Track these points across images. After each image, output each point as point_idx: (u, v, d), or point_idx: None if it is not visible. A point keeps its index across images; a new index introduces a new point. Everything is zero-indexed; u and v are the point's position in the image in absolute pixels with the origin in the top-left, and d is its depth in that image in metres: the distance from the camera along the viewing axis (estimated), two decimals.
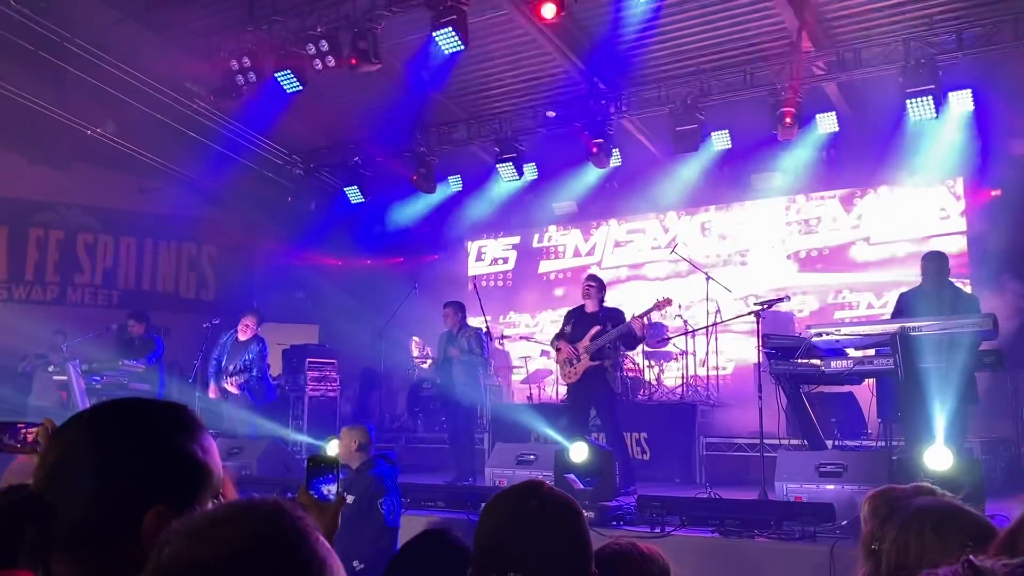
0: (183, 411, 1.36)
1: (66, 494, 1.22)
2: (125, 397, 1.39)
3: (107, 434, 1.27)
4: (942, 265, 6.72)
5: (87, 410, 1.34)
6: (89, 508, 1.20)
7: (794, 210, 12.22)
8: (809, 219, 12.11)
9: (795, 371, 6.47)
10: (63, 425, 1.31)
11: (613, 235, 13.68)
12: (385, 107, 12.21)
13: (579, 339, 7.70)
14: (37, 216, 13.25)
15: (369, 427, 5.94)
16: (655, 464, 9.19)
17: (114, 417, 1.30)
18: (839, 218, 11.88)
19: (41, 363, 10.37)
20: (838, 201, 11.89)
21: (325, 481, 2.26)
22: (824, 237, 11.94)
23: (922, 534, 1.81)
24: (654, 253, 13.16)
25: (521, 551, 1.87)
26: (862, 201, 11.73)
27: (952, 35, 9.20)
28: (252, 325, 9.46)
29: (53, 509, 1.20)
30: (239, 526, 0.93)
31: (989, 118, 10.01)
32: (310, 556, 0.93)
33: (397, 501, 5.49)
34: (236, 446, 8.31)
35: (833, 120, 10.51)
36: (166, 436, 1.29)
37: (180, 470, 1.28)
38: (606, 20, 10.26)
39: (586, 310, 7.87)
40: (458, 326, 8.85)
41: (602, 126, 11.04)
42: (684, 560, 5.10)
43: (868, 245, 11.60)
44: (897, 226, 11.35)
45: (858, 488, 5.57)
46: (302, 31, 9.76)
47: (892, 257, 11.32)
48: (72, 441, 1.27)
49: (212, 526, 0.95)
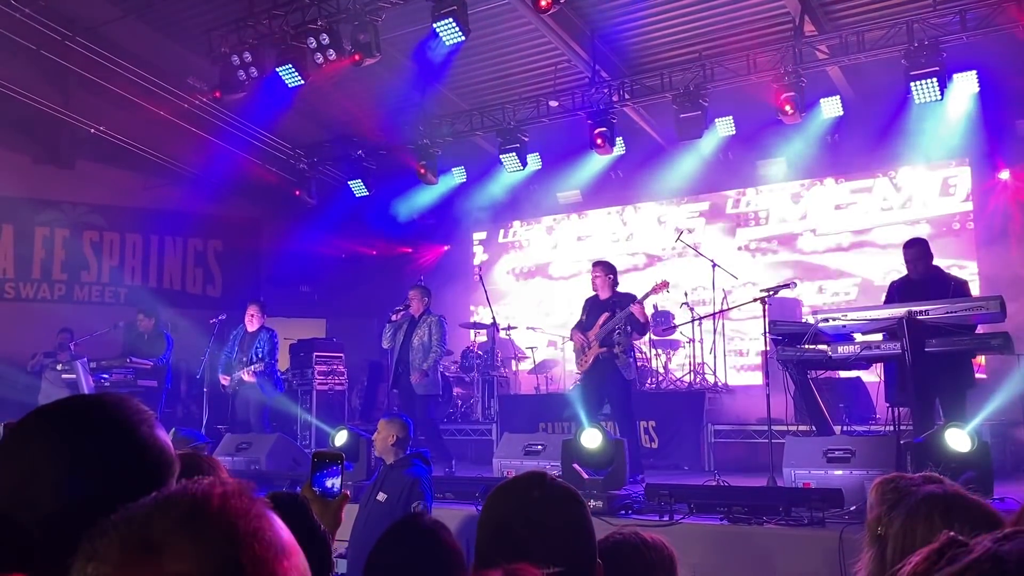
0: (132, 401, 1.31)
1: (33, 504, 1.16)
2: (70, 396, 1.34)
3: (73, 435, 1.22)
4: (922, 251, 6.68)
5: (39, 413, 1.27)
6: (64, 513, 1.15)
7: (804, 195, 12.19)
8: (811, 205, 12.08)
9: (802, 357, 6.44)
10: (12, 433, 1.24)
11: (616, 222, 13.67)
12: (387, 99, 12.19)
13: (591, 327, 7.73)
14: (42, 215, 13.29)
15: (407, 422, 5.77)
16: (664, 452, 9.19)
17: (74, 418, 1.25)
18: (844, 203, 11.83)
19: (49, 362, 10.41)
20: (843, 185, 11.83)
21: (329, 475, 2.27)
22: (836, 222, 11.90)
23: (930, 520, 1.82)
24: (658, 240, 13.14)
25: (524, 542, 1.86)
26: (868, 184, 11.68)
27: (955, 16, 9.13)
28: (256, 314, 9.47)
29: (17, 523, 1.15)
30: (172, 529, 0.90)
31: (995, 99, 9.96)
32: None
33: (431, 505, 5.38)
34: (244, 441, 8.32)
35: (838, 104, 10.47)
36: (131, 429, 1.26)
37: (152, 461, 1.25)
38: (607, 8, 10.24)
39: (599, 297, 7.90)
40: (421, 311, 8.76)
41: (605, 114, 11.01)
42: (693, 548, 5.11)
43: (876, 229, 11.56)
44: (904, 209, 11.30)
45: (866, 473, 5.55)
46: (302, 25, 9.75)
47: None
48: (33, 448, 1.21)
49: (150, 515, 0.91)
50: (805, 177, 11.96)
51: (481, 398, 11.08)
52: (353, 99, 12.49)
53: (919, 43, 9.16)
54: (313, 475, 2.28)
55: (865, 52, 9.61)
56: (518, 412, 10.33)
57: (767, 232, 12.41)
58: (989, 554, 0.85)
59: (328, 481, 2.27)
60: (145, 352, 9.96)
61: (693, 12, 10.14)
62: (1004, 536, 0.86)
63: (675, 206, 13.12)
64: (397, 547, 2.72)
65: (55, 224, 13.40)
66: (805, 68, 9.89)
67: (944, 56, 9.13)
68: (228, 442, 8.37)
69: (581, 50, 10.86)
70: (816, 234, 12.00)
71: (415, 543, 2.71)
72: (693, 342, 10.68)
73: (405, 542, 2.73)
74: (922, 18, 9.25)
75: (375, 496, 5.38)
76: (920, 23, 9.23)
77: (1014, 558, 0.83)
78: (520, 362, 12.43)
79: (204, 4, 10.58)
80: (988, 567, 0.84)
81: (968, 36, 9.08)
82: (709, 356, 10.67)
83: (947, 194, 11.09)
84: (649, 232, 13.35)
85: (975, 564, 0.86)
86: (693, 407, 9.41)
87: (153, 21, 10.93)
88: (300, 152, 13.58)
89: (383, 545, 2.73)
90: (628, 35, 10.72)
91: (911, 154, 10.86)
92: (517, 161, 11.69)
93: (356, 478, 6.67)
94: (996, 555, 0.84)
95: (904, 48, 9.27)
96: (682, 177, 12.24)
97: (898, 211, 11.43)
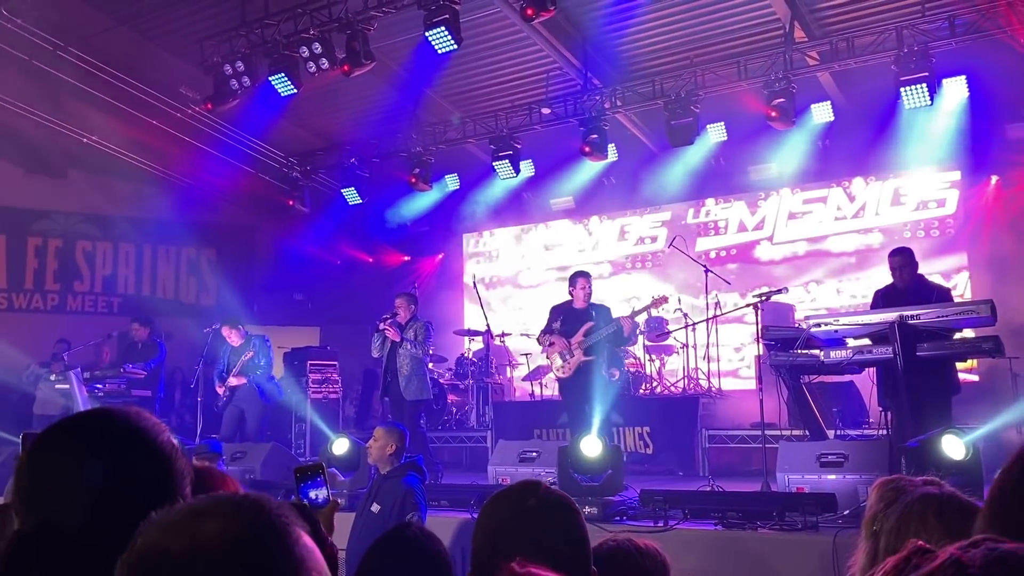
0: (146, 412, 1.34)
1: (73, 512, 1.18)
2: (95, 408, 1.36)
3: (100, 446, 1.25)
4: (907, 259, 6.74)
5: (63, 423, 1.29)
6: (94, 524, 1.17)
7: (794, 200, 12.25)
8: (807, 210, 12.13)
9: (795, 362, 6.48)
10: (37, 444, 1.26)
11: (610, 230, 13.72)
12: (380, 107, 12.22)
13: (570, 335, 7.75)
14: (35, 225, 13.27)
15: (404, 431, 5.74)
16: (658, 457, 9.22)
17: (104, 428, 1.28)
18: (843, 207, 11.88)
19: (44, 372, 10.40)
20: (840, 191, 11.89)
21: (313, 486, 2.30)
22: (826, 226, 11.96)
23: (924, 519, 1.85)
24: (650, 245, 13.21)
25: (519, 550, 1.87)
26: (861, 189, 11.73)
27: (944, 21, 9.20)
28: (231, 332, 9.51)
29: (60, 537, 1.17)
30: (213, 520, 0.92)
31: (985, 103, 10.02)
32: (285, 555, 0.92)
33: (425, 515, 5.36)
34: (239, 451, 8.32)
35: (828, 109, 10.53)
36: (153, 438, 1.29)
37: (175, 469, 1.28)
38: (599, 15, 10.27)
39: (575, 305, 7.90)
40: (409, 317, 8.77)
41: (597, 121, 11.05)
42: (688, 554, 5.13)
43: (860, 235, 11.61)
44: (897, 213, 11.35)
45: (859, 477, 5.59)
46: (295, 34, 9.76)
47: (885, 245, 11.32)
48: (62, 459, 1.23)
49: (187, 519, 0.93)
50: (796, 183, 12.00)
51: (476, 405, 11.07)
52: (346, 107, 12.52)
53: (909, 48, 9.22)
54: (298, 488, 2.32)
55: (855, 58, 9.67)
56: (513, 419, 10.35)
57: (726, 242, 12.56)
58: (952, 560, 0.87)
59: (312, 492, 2.30)
60: (138, 361, 9.96)
61: (684, 19, 10.18)
62: (971, 543, 0.88)
63: (638, 216, 13.33)
64: (384, 558, 2.74)
65: (48, 234, 13.38)
66: (795, 74, 9.95)
67: (934, 61, 9.19)
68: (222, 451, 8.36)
69: (573, 57, 10.89)
70: (773, 243, 12.23)
71: (402, 553, 2.73)
72: (687, 347, 10.71)
73: (392, 553, 2.75)
74: (911, 24, 9.31)
75: (369, 507, 5.37)
76: (909, 28, 9.29)
77: (977, 563, 0.85)
78: (514, 369, 12.44)
79: (196, 13, 10.58)
80: (951, 573, 0.86)
81: (957, 41, 9.15)
82: (703, 362, 10.70)
83: (937, 198, 11.13)
84: (611, 242, 13.57)
85: (938, 570, 0.88)
86: (687, 412, 9.44)
87: (145, 31, 10.93)
88: (293, 160, 13.59)
89: (372, 556, 2.75)
90: (620, 42, 10.76)
91: (902, 159, 10.91)
92: (510, 168, 11.71)
93: (356, 487, 6.67)
94: (958, 561, 0.87)
95: (894, 54, 9.33)
96: (674, 183, 12.28)
97: (851, 220, 11.68)
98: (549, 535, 1.93)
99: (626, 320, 7.57)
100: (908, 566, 0.93)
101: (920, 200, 11.21)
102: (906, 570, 0.93)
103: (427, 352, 8.86)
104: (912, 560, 0.94)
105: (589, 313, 7.76)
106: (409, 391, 8.42)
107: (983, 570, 0.84)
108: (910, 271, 6.72)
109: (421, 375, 8.54)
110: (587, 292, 7.86)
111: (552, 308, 8.19)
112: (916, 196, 11.23)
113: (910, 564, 0.93)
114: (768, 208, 12.31)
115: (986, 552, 0.86)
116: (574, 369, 7.70)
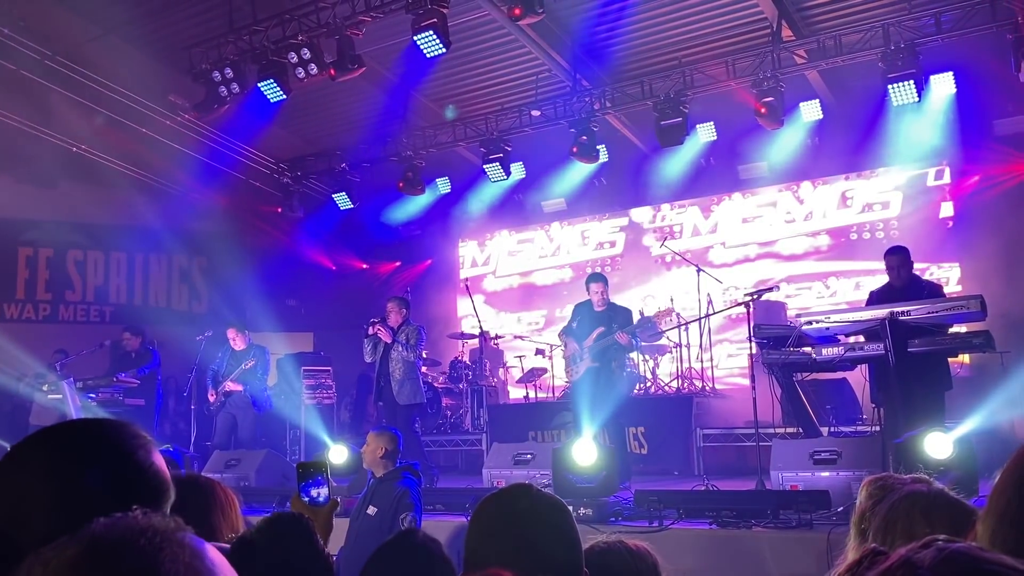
0: (131, 426, 1.33)
1: (29, 524, 1.18)
2: (71, 420, 1.36)
3: (71, 458, 1.24)
4: (903, 259, 6.77)
5: (38, 435, 1.28)
6: (59, 534, 1.18)
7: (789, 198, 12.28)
8: (799, 208, 12.16)
9: (787, 360, 6.49)
10: (11, 455, 1.26)
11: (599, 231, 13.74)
12: (370, 112, 12.21)
13: (583, 336, 7.82)
14: (25, 235, 13.23)
15: (397, 434, 5.72)
16: (653, 457, 9.23)
17: (72, 441, 1.27)
18: (832, 206, 11.92)
19: (37, 382, 10.36)
20: (832, 189, 11.93)
21: (315, 484, 2.30)
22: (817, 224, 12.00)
23: (911, 516, 1.86)
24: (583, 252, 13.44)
25: (512, 553, 1.88)
26: (853, 186, 11.76)
27: (931, 18, 9.24)
28: (237, 336, 9.49)
29: (15, 543, 1.16)
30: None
31: (972, 100, 10.06)
32: None
33: (420, 517, 5.35)
34: (233, 458, 8.30)
35: (817, 108, 10.57)
36: (128, 453, 1.28)
37: (147, 485, 1.27)
38: (587, 17, 10.29)
39: (594, 308, 7.97)
40: (401, 321, 8.75)
41: (587, 123, 11.06)
42: (683, 553, 5.14)
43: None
44: (885, 210, 11.39)
45: (852, 474, 5.60)
46: (283, 40, 9.75)
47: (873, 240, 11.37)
48: (31, 470, 1.23)
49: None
50: (785, 180, 12.03)
51: (470, 408, 11.07)
52: (335, 112, 12.51)
53: (896, 46, 9.26)
54: (299, 485, 2.32)
55: (843, 56, 9.71)
56: (507, 421, 10.35)
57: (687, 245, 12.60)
58: (902, 560, 0.88)
59: (313, 491, 2.31)
60: (130, 370, 9.92)
61: (672, 19, 10.21)
62: (923, 544, 0.90)
63: (598, 221, 13.49)
64: (390, 564, 2.72)
65: (38, 244, 13.34)
66: (784, 73, 9.98)
67: (921, 58, 9.23)
68: (217, 459, 8.35)
69: (561, 59, 10.91)
70: (726, 247, 12.43)
71: (408, 560, 2.71)
72: (680, 347, 10.72)
73: (398, 559, 2.73)
74: (898, 21, 9.35)
75: (365, 510, 5.37)
76: (896, 26, 9.33)
77: (927, 563, 0.86)
78: (508, 371, 12.44)
79: (184, 21, 10.56)
80: (901, 573, 0.88)
81: (943, 38, 9.19)
82: (696, 362, 10.71)
83: (923, 193, 11.17)
84: (574, 246, 13.72)
85: (889, 571, 0.89)
86: (682, 412, 9.45)
87: (133, 39, 10.89)
88: (284, 166, 13.58)
89: (376, 562, 2.74)
90: (608, 43, 10.77)
91: (891, 156, 10.95)
92: (501, 171, 11.73)
93: (355, 492, 6.65)
94: (909, 561, 0.88)
95: (881, 51, 9.37)
96: (665, 183, 12.32)
97: (801, 223, 11.85)
98: (541, 538, 1.93)
99: (620, 336, 7.65)
100: (861, 568, 0.94)
101: (909, 195, 11.25)
102: (859, 571, 0.94)
103: (420, 356, 8.86)
104: (864, 562, 0.95)
105: (605, 316, 7.83)
106: (402, 395, 8.41)
107: (932, 570, 0.86)
108: (907, 270, 6.75)
109: (414, 379, 8.53)
110: (600, 296, 7.93)
111: (575, 306, 8.30)
112: (902, 193, 11.28)
113: (862, 565, 0.94)
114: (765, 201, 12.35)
115: (936, 552, 0.87)
116: (583, 372, 7.77)
